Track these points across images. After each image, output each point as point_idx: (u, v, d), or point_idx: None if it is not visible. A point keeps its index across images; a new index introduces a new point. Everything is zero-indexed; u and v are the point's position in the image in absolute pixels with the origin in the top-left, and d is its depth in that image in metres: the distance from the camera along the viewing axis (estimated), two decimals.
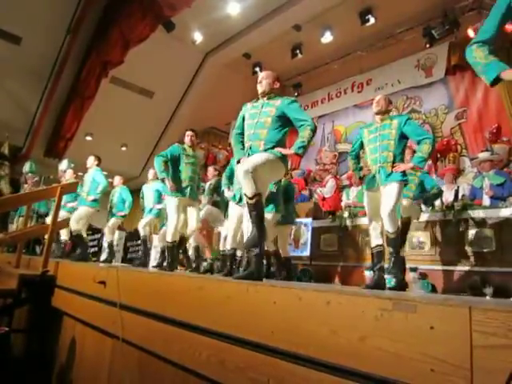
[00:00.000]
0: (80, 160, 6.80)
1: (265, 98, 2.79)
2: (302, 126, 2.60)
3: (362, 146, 3.53)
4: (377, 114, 3.38)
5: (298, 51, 8.85)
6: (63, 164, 6.45)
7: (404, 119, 3.24)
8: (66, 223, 5.60)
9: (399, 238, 3.23)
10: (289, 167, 2.79)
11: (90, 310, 3.06)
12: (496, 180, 4.91)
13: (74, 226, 5.54)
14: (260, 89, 2.80)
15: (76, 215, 5.59)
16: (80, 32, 8.58)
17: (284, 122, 2.68)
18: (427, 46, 7.48)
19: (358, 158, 3.65)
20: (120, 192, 6.20)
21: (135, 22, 7.69)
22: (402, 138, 3.23)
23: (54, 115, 10.03)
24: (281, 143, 2.65)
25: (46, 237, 3.86)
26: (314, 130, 2.57)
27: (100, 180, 5.53)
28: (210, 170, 5.81)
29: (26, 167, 7.62)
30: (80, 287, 3.24)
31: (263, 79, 2.81)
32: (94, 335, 2.97)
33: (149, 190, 6.10)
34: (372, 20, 7.54)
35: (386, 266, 3.24)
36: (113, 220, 6.22)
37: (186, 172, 4.16)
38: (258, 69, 9.65)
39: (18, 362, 3.25)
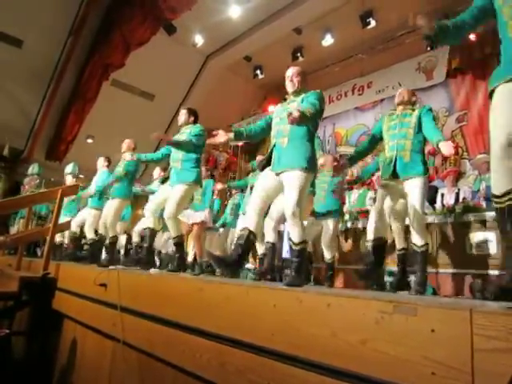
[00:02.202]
0: (81, 162, 6.81)
1: (292, 96, 2.68)
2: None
3: (375, 140, 3.34)
4: (398, 104, 3.25)
5: (298, 54, 8.87)
6: (68, 167, 6.42)
7: (425, 109, 3.11)
8: (67, 225, 5.59)
9: (428, 252, 3.05)
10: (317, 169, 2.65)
11: (90, 312, 3.06)
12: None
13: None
14: (291, 88, 2.66)
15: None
16: (81, 35, 8.61)
17: None
18: (428, 48, 7.48)
19: (371, 143, 3.39)
20: None
21: (136, 25, 7.73)
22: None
23: (55, 118, 10.03)
24: (305, 138, 2.51)
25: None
26: (316, 110, 2.42)
27: (96, 180, 5.34)
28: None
29: (35, 169, 7.39)
30: (81, 290, 3.24)
31: (294, 77, 2.65)
32: (94, 338, 2.97)
33: None
34: (373, 23, 7.56)
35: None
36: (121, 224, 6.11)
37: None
38: (258, 71, 9.69)
39: (18, 365, 3.23)
